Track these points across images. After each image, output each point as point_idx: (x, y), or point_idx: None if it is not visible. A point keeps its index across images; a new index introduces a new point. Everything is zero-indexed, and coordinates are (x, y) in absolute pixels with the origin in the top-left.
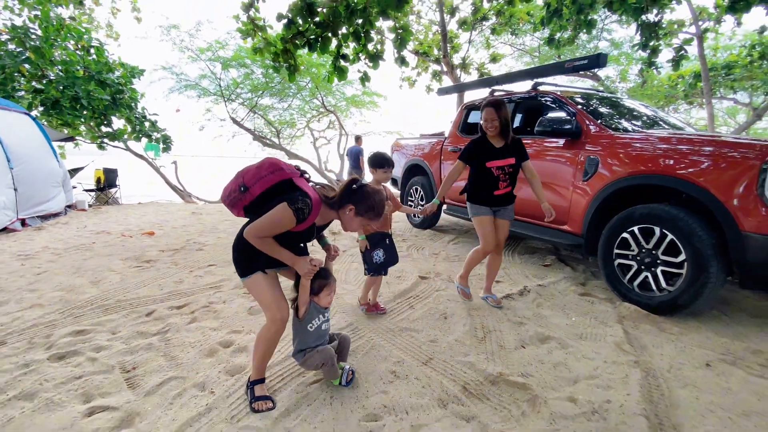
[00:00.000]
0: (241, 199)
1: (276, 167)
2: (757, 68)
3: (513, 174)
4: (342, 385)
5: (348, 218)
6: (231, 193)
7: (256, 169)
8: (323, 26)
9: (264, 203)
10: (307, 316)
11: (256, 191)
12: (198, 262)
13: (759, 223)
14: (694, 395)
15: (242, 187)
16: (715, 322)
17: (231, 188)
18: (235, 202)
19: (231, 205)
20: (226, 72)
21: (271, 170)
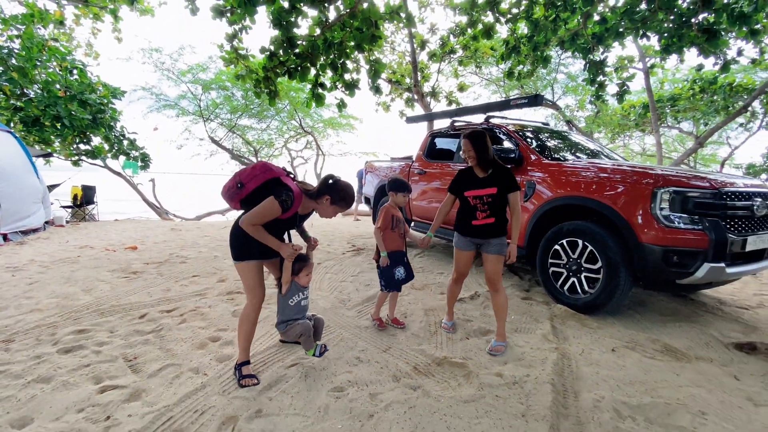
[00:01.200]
0: (238, 194)
1: (266, 168)
2: (699, 100)
3: (494, 204)
4: (315, 355)
5: (324, 207)
6: (229, 189)
7: (250, 170)
8: (302, 57)
9: (256, 197)
10: (288, 292)
11: (250, 187)
12: (182, 273)
13: (654, 236)
14: (595, 371)
15: (239, 183)
16: (628, 318)
17: (229, 185)
18: (233, 196)
19: (229, 198)
20: (207, 93)
21: (262, 170)
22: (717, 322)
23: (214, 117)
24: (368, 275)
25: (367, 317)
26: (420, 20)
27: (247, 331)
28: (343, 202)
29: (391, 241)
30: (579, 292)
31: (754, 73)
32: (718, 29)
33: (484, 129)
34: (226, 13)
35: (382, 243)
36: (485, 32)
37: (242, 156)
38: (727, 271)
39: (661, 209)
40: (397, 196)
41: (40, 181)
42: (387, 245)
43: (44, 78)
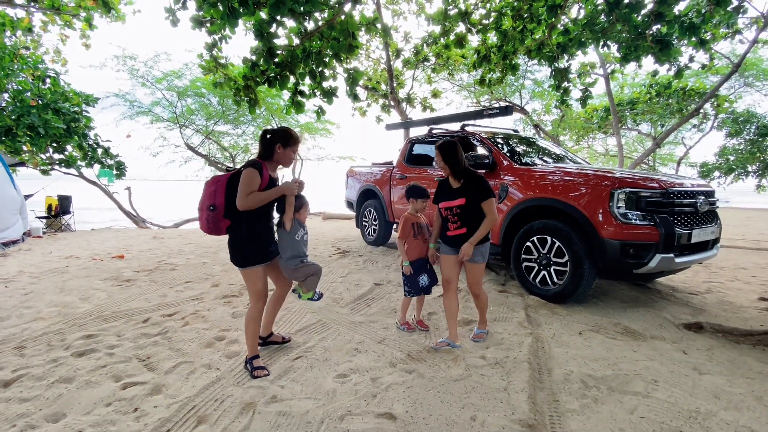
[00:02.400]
0: (217, 216)
1: (215, 179)
2: (655, 104)
3: (463, 215)
4: (314, 299)
5: (281, 154)
6: (208, 221)
7: (206, 192)
8: (282, 66)
9: (231, 202)
10: (293, 229)
11: (220, 202)
12: (175, 279)
13: (612, 232)
14: (565, 351)
15: (211, 207)
16: (593, 306)
17: (205, 218)
18: (217, 222)
19: (215, 228)
20: (182, 100)
21: (215, 182)
22: (670, 306)
23: (189, 123)
24: (356, 276)
25: (361, 313)
26: (394, 29)
27: (254, 330)
28: (292, 139)
29: (413, 249)
30: (549, 284)
31: (705, 78)
32: (670, 40)
33: (457, 137)
34: (205, 23)
35: (404, 252)
36: (457, 42)
37: (218, 162)
38: (676, 261)
39: (618, 207)
40: (417, 203)
41: (17, 191)
42: (409, 254)
43: (15, 87)
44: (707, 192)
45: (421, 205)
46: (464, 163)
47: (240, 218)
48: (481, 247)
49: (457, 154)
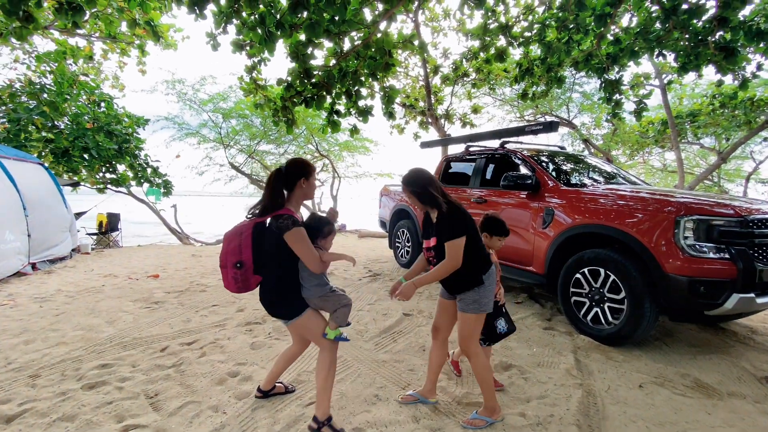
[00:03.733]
0: (246, 274)
1: (237, 231)
2: (719, 116)
3: (438, 257)
4: (337, 339)
5: (307, 187)
6: (236, 280)
7: (229, 248)
8: (318, 86)
9: (259, 256)
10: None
11: (247, 257)
12: (202, 302)
13: (679, 266)
14: (623, 410)
15: (237, 265)
16: (655, 350)
17: (231, 277)
18: (246, 280)
19: (245, 286)
20: (227, 121)
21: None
22: (749, 353)
23: (233, 143)
24: (385, 303)
25: (386, 350)
26: (433, 45)
27: (331, 383)
28: (310, 168)
29: None
30: (603, 323)
31: None
32: (736, 47)
33: (497, 155)
34: (245, 47)
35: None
36: (498, 56)
37: (261, 180)
38: (758, 302)
39: (686, 238)
40: (492, 240)
41: (68, 210)
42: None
43: (74, 111)
44: None
45: (497, 243)
46: (438, 191)
47: (272, 271)
48: (472, 294)
49: (423, 184)
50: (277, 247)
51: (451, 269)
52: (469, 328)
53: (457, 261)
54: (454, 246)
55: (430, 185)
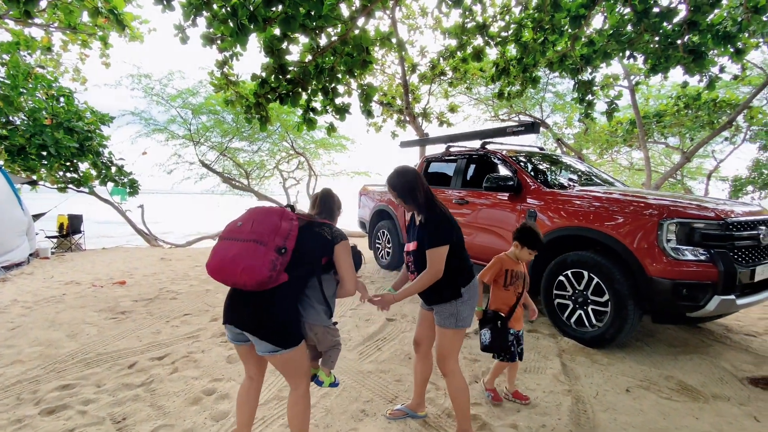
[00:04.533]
0: (284, 264)
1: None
2: (684, 116)
3: (417, 263)
4: (335, 384)
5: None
6: (275, 267)
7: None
8: (294, 83)
9: (295, 255)
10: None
11: (290, 246)
12: (173, 311)
13: (662, 269)
14: (612, 417)
15: (282, 250)
16: (637, 352)
17: (270, 261)
18: (280, 272)
19: (276, 279)
20: (197, 117)
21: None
22: (727, 352)
23: (204, 140)
24: (367, 308)
25: (371, 359)
26: (410, 43)
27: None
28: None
29: (498, 299)
30: (586, 325)
31: (735, 89)
32: (704, 50)
33: (477, 156)
34: (216, 40)
35: (480, 295)
36: (475, 55)
37: (233, 179)
38: (738, 303)
39: (669, 241)
40: (523, 251)
41: (24, 211)
42: (493, 301)
43: (30, 106)
44: None
45: (526, 255)
46: (418, 195)
47: (293, 279)
48: (449, 307)
49: (407, 184)
50: (315, 254)
51: (432, 279)
52: (445, 343)
53: (438, 271)
54: (436, 254)
55: (415, 186)
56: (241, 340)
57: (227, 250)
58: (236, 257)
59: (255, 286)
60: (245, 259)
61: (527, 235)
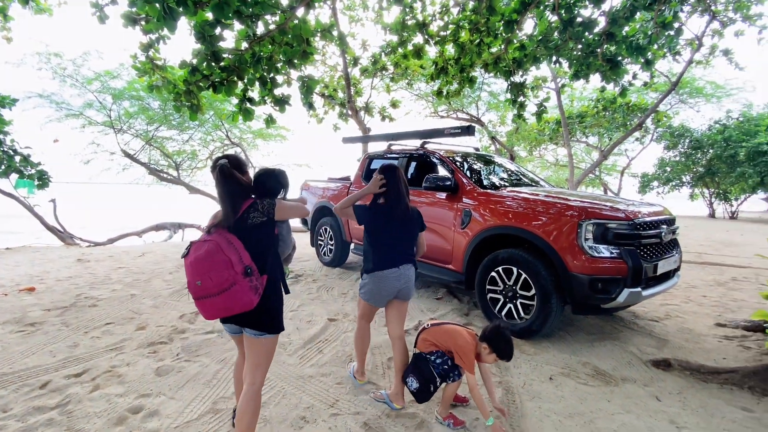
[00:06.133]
0: (257, 278)
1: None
2: (602, 118)
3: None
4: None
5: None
6: (257, 288)
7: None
8: (229, 71)
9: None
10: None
11: (248, 260)
12: (93, 321)
13: (581, 266)
14: (538, 405)
15: (249, 270)
16: (560, 341)
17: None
18: (262, 284)
19: (260, 290)
20: (118, 103)
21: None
22: (635, 337)
23: (127, 128)
24: (309, 308)
25: (311, 363)
26: (351, 35)
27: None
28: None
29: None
30: (516, 318)
31: (645, 94)
32: (620, 59)
33: (417, 155)
34: (139, 21)
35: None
36: (415, 52)
37: (161, 170)
38: (643, 294)
39: (587, 240)
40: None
41: None
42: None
43: None
44: (669, 220)
45: (491, 360)
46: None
47: (275, 265)
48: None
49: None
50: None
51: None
52: (359, 308)
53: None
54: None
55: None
56: (237, 331)
57: (214, 304)
58: (227, 307)
59: (242, 306)
60: (234, 302)
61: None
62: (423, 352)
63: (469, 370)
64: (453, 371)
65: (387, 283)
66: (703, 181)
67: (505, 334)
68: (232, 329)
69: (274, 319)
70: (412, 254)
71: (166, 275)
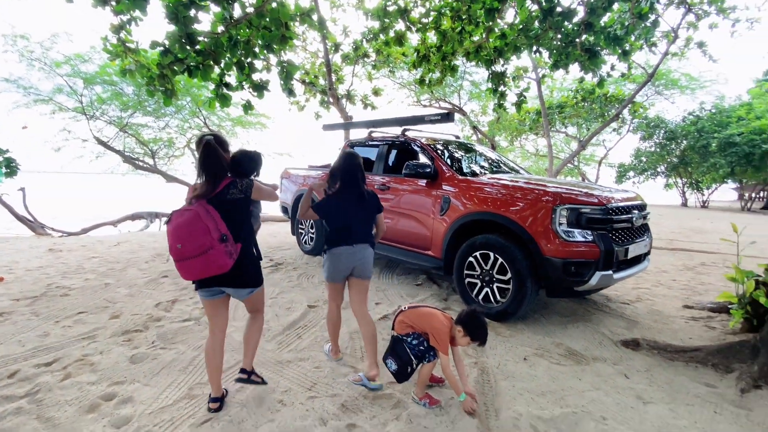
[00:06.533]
0: (234, 245)
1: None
2: (581, 108)
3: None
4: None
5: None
6: (232, 254)
7: (202, 228)
8: (204, 55)
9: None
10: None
11: (224, 229)
12: (65, 310)
13: (555, 250)
14: (512, 384)
15: (224, 237)
16: (535, 323)
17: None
18: (236, 250)
19: (235, 255)
20: (90, 88)
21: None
22: (606, 319)
23: (100, 114)
24: (289, 296)
25: (290, 348)
26: (332, 21)
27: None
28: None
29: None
30: (492, 302)
31: (623, 85)
32: (598, 50)
33: (398, 142)
34: (110, 1)
35: (456, 382)
36: (397, 39)
37: (136, 158)
38: (614, 277)
39: (561, 225)
40: (463, 338)
41: None
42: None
43: None
44: (640, 206)
45: (464, 342)
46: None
47: (248, 235)
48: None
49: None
50: (246, 211)
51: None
52: (327, 291)
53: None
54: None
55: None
56: (218, 293)
57: (192, 267)
58: (203, 268)
59: (228, 270)
60: (210, 265)
61: (475, 330)
62: (400, 335)
63: (443, 351)
64: (428, 352)
65: (341, 260)
66: (676, 171)
67: (480, 319)
68: (212, 292)
69: (255, 275)
70: (368, 235)
71: (142, 264)
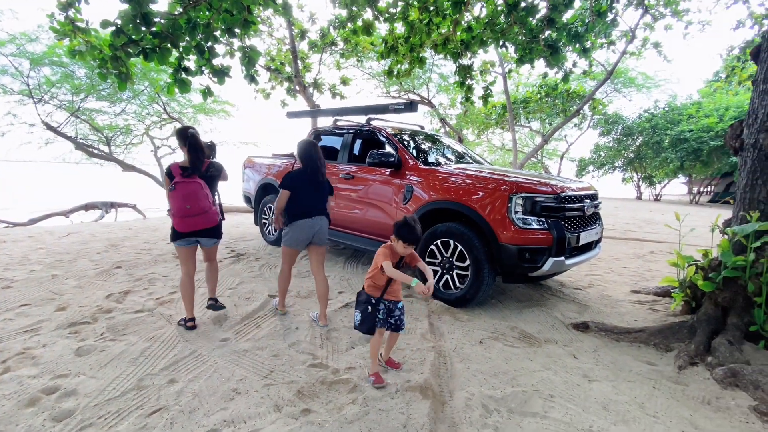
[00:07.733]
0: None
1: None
2: (545, 103)
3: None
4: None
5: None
6: (219, 212)
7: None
8: (161, 37)
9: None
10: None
11: (211, 196)
12: (5, 303)
13: (510, 237)
14: (466, 366)
15: (214, 201)
16: (492, 308)
17: (215, 212)
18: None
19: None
20: (37, 69)
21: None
22: (560, 304)
23: (49, 98)
24: (249, 286)
25: (248, 338)
26: (299, 7)
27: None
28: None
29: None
30: (452, 288)
31: (585, 83)
32: (560, 46)
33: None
34: None
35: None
36: (365, 28)
37: (90, 146)
38: (566, 263)
39: (516, 213)
40: (398, 244)
41: None
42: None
43: None
44: (592, 195)
45: (402, 249)
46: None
47: (218, 203)
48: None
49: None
50: (216, 184)
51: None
52: (282, 256)
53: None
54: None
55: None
56: (193, 243)
57: (197, 222)
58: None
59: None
60: (208, 220)
61: (400, 229)
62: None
63: (377, 267)
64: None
65: (303, 230)
66: (632, 166)
67: (407, 221)
68: (189, 242)
69: (221, 230)
70: (323, 209)
71: (94, 255)
